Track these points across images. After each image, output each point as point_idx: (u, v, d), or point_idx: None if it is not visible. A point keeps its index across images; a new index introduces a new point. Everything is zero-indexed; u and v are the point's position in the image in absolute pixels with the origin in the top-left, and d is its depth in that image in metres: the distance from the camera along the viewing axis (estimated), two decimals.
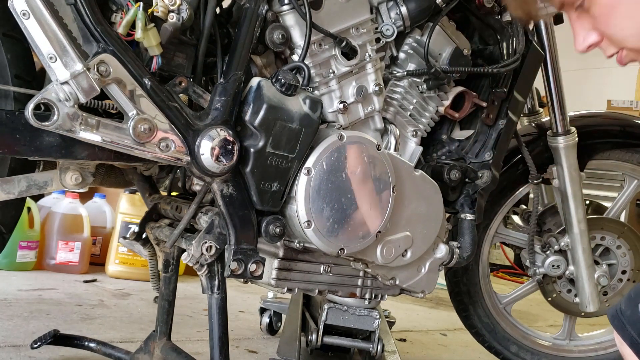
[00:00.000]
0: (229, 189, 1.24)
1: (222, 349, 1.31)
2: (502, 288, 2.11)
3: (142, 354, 1.57)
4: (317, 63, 1.35)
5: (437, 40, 1.52)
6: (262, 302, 2.31)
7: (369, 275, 1.50)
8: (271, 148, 1.25)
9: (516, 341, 2.02)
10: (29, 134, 1.11)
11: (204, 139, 1.20)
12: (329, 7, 1.36)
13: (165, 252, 1.52)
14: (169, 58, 1.21)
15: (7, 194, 1.25)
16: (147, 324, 2.19)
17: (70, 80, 1.06)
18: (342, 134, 1.31)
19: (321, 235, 1.30)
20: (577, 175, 1.80)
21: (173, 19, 1.16)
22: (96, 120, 1.11)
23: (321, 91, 1.37)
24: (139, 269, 3.00)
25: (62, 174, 1.28)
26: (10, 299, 2.30)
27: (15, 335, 1.86)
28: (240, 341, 2.16)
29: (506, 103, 1.61)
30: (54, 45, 1.05)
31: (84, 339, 1.68)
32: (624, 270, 1.95)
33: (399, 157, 1.44)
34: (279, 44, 1.29)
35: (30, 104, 1.06)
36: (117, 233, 3.06)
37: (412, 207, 1.45)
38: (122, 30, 1.12)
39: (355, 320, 1.59)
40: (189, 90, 1.23)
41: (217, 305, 1.31)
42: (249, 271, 1.28)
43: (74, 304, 2.36)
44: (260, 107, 1.23)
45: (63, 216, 2.99)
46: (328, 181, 1.30)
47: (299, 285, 1.43)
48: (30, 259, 2.86)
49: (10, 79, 1.22)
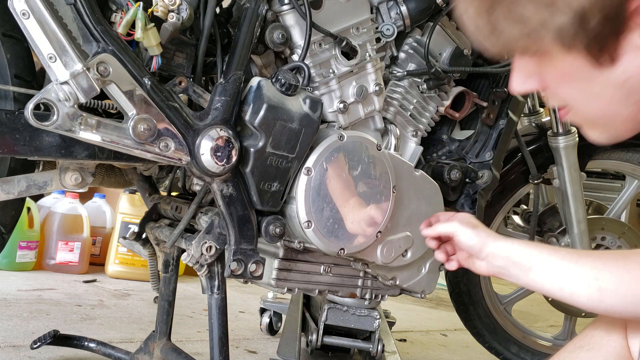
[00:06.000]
0: (229, 189, 1.24)
1: (222, 349, 1.31)
2: (502, 288, 2.10)
3: (142, 354, 1.57)
4: (317, 63, 1.35)
5: (437, 40, 1.52)
6: (262, 303, 2.31)
7: (369, 276, 1.50)
8: (271, 148, 1.24)
9: (516, 341, 2.02)
10: (29, 133, 1.11)
11: (204, 138, 1.19)
12: (329, 7, 1.35)
13: (165, 252, 1.52)
14: (169, 58, 1.21)
15: (6, 194, 1.25)
16: (147, 324, 2.18)
17: (70, 80, 1.06)
18: (342, 134, 1.31)
19: (321, 236, 1.30)
20: (577, 175, 1.79)
21: (173, 18, 1.15)
22: (96, 120, 1.11)
23: (321, 91, 1.37)
24: (138, 269, 3.00)
25: (61, 174, 1.28)
26: (10, 299, 2.30)
27: (15, 335, 1.85)
28: (240, 341, 2.15)
29: (506, 103, 1.61)
30: (54, 45, 1.05)
31: (84, 339, 1.68)
32: None
33: (399, 157, 1.44)
34: (279, 44, 1.29)
35: (30, 103, 1.06)
36: (117, 233, 3.06)
37: (413, 207, 1.45)
38: (122, 30, 1.12)
39: (356, 321, 1.59)
40: (189, 90, 1.23)
41: (217, 305, 1.31)
42: (249, 271, 1.28)
43: (73, 304, 2.36)
44: (260, 107, 1.23)
45: (63, 216, 2.99)
46: (328, 181, 1.30)
47: (299, 285, 1.42)
48: (30, 259, 2.86)
49: (10, 79, 1.22)
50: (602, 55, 0.72)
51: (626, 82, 0.73)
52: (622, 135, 0.81)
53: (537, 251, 1.05)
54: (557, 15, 0.69)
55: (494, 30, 0.75)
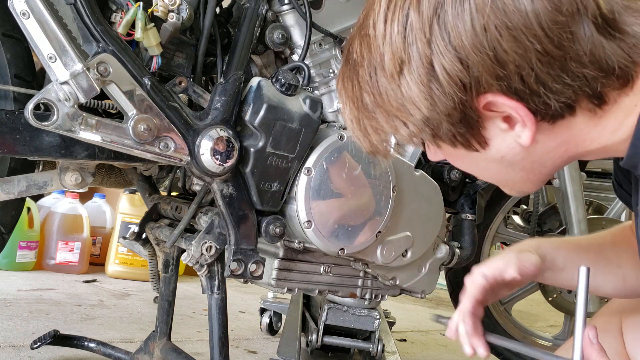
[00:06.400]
0: (229, 189, 1.24)
1: (222, 349, 1.31)
2: None
3: (142, 354, 1.57)
4: (317, 63, 1.35)
5: None
6: (262, 303, 2.31)
7: (369, 276, 1.50)
8: (271, 148, 1.24)
9: (516, 341, 2.02)
10: (29, 133, 1.11)
11: (204, 138, 1.19)
12: (329, 7, 1.35)
13: (165, 252, 1.51)
14: (169, 58, 1.21)
15: (6, 194, 1.25)
16: (147, 324, 2.18)
17: (70, 80, 1.06)
18: (342, 134, 1.31)
19: (321, 236, 1.30)
20: (577, 175, 1.80)
21: (173, 18, 1.15)
22: (96, 120, 1.11)
23: (321, 91, 1.37)
24: (138, 269, 3.00)
25: (61, 174, 1.28)
26: (10, 299, 2.30)
27: (15, 335, 1.85)
28: (240, 341, 2.15)
29: None
30: (54, 45, 1.05)
31: (84, 339, 1.68)
32: None
33: (400, 157, 1.44)
34: (279, 44, 1.29)
35: (30, 103, 1.06)
36: (117, 233, 3.06)
37: (413, 207, 1.45)
38: (122, 30, 1.12)
39: (356, 321, 1.59)
40: (189, 90, 1.23)
41: (217, 305, 1.31)
42: (249, 271, 1.28)
43: (73, 304, 2.36)
44: (260, 107, 1.23)
45: (63, 216, 2.99)
46: (328, 181, 1.30)
47: (299, 285, 1.42)
48: (30, 259, 2.86)
49: (10, 79, 1.22)
50: (470, 143, 0.77)
51: (503, 158, 0.79)
52: (529, 190, 0.88)
53: (565, 251, 1.04)
54: (407, 125, 0.77)
55: (365, 134, 0.83)
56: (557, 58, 0.70)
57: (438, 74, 0.72)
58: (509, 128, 0.75)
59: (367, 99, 0.79)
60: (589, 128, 0.76)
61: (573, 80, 0.71)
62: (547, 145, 0.78)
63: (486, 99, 0.72)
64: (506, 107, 0.73)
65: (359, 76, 0.79)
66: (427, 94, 0.73)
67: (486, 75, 0.71)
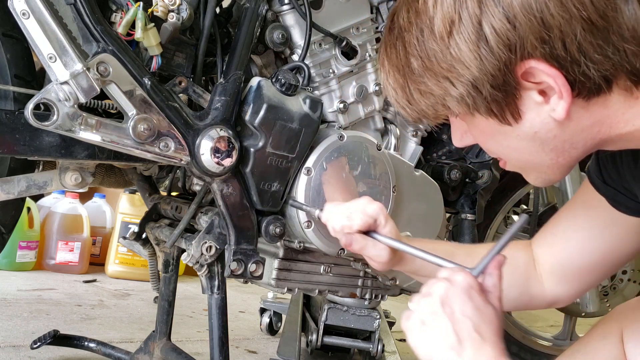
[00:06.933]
0: (229, 189, 1.24)
1: (222, 349, 1.31)
2: None
3: (142, 354, 1.57)
4: (317, 63, 1.35)
5: None
6: (262, 302, 2.31)
7: (369, 276, 1.50)
8: (271, 148, 1.24)
9: (517, 341, 2.02)
10: (29, 133, 1.11)
11: (204, 138, 1.19)
12: (329, 7, 1.35)
13: (165, 252, 1.52)
14: (169, 58, 1.21)
15: (6, 194, 1.25)
16: (147, 324, 2.18)
17: (70, 80, 1.06)
18: (342, 134, 1.31)
19: (321, 236, 1.30)
20: (577, 175, 1.80)
21: (173, 18, 1.15)
22: (96, 120, 1.11)
23: (321, 91, 1.37)
24: (138, 269, 3.00)
25: (61, 174, 1.28)
26: (10, 299, 2.30)
27: (15, 335, 1.85)
28: (240, 341, 2.15)
29: None
30: (54, 45, 1.05)
31: (84, 339, 1.68)
32: (624, 270, 1.95)
33: (400, 157, 1.44)
34: (279, 44, 1.29)
35: (30, 103, 1.06)
36: (117, 233, 3.06)
37: (412, 207, 1.45)
38: (122, 30, 1.12)
39: (356, 321, 1.59)
40: (189, 90, 1.23)
41: (217, 305, 1.31)
42: (249, 271, 1.28)
43: (73, 304, 2.36)
44: (260, 107, 1.23)
45: (63, 216, 2.99)
46: (328, 181, 1.30)
47: (299, 285, 1.42)
48: (30, 259, 2.86)
49: (10, 79, 1.22)
50: (504, 115, 0.79)
51: (535, 135, 0.80)
52: (555, 179, 0.89)
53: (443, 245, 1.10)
54: (456, 85, 0.78)
55: (411, 101, 0.84)
56: (601, 28, 0.72)
57: (487, 33, 0.74)
58: (544, 102, 0.76)
59: (414, 63, 0.80)
60: (624, 109, 0.77)
61: (613, 54, 0.73)
62: (581, 123, 0.78)
63: (529, 64, 0.74)
64: (545, 76, 0.74)
65: (406, 42, 0.81)
66: (476, 53, 0.75)
67: (532, 38, 0.73)
